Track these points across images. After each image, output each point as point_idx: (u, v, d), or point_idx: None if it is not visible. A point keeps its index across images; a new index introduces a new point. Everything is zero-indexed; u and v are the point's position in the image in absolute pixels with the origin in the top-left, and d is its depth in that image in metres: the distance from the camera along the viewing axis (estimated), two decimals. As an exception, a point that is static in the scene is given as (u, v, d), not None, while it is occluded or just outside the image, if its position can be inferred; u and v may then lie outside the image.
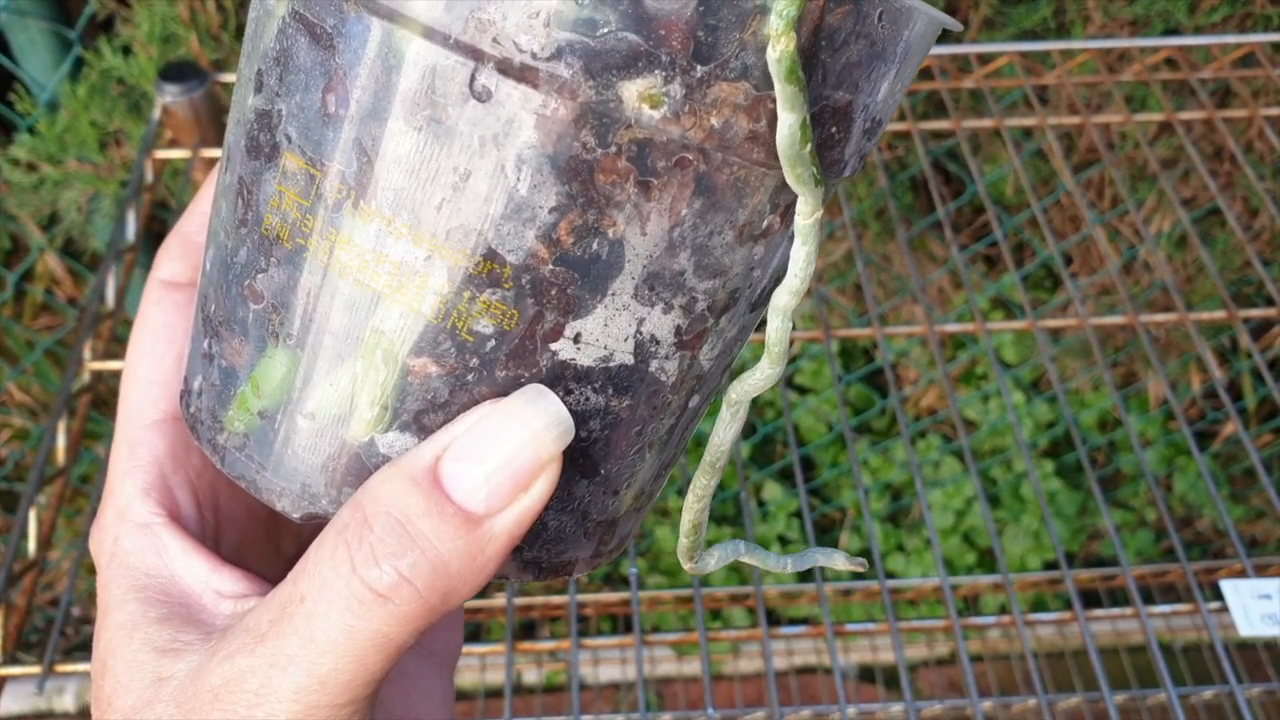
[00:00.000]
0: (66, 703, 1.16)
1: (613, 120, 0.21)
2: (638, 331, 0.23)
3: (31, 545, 0.57)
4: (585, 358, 0.23)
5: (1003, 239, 0.73)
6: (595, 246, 0.22)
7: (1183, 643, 1.08)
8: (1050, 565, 1.22)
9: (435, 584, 0.21)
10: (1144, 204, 1.10)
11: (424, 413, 0.23)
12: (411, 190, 0.21)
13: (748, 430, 1.25)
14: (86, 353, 0.63)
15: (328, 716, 0.22)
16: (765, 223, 0.23)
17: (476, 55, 0.20)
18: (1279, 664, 1.03)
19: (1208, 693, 0.77)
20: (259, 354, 0.24)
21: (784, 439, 1.26)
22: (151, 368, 0.28)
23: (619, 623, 1.15)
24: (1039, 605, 1.18)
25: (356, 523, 0.22)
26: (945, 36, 1.01)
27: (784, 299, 0.23)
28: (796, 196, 0.23)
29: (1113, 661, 1.09)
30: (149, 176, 0.72)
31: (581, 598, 0.85)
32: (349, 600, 0.21)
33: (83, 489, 1.20)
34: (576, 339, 0.23)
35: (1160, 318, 0.72)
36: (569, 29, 0.20)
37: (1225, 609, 0.61)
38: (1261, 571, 0.83)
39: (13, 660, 0.54)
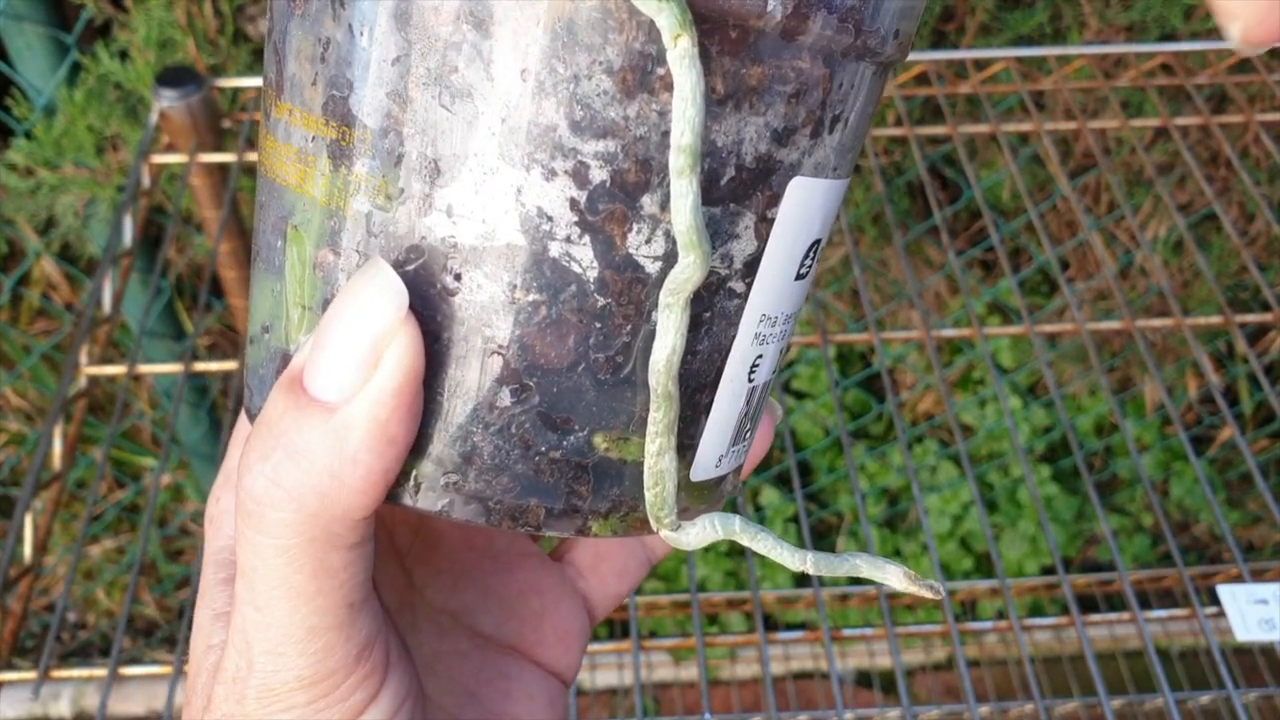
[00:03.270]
0: (62, 708, 1.16)
1: None
2: (519, 202, 0.20)
3: (27, 550, 0.56)
4: (465, 233, 0.21)
5: (999, 244, 0.73)
6: (444, 98, 0.20)
7: (1180, 648, 1.08)
8: (1047, 570, 1.22)
9: (305, 481, 0.20)
10: (1140, 209, 1.10)
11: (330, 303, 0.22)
12: (295, 74, 0.21)
13: (745, 435, 1.25)
14: (83, 357, 0.63)
15: (300, 650, 0.21)
16: (641, 51, 0.20)
17: None
18: (1275, 669, 1.03)
19: (1204, 697, 0.77)
20: (257, 281, 0.24)
21: (780, 444, 1.26)
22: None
23: (615, 628, 1.15)
24: (1036, 610, 1.18)
25: (250, 431, 0.21)
26: (941, 42, 1.01)
27: (679, 159, 0.19)
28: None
29: (1110, 666, 1.09)
30: (146, 181, 0.72)
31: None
32: (242, 520, 0.21)
33: (79, 494, 1.20)
34: (449, 211, 0.21)
35: (1156, 323, 0.73)
36: None
37: (1222, 614, 0.61)
38: (1258, 576, 0.84)
39: (8, 666, 0.54)
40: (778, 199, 0.22)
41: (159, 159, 0.74)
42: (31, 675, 0.54)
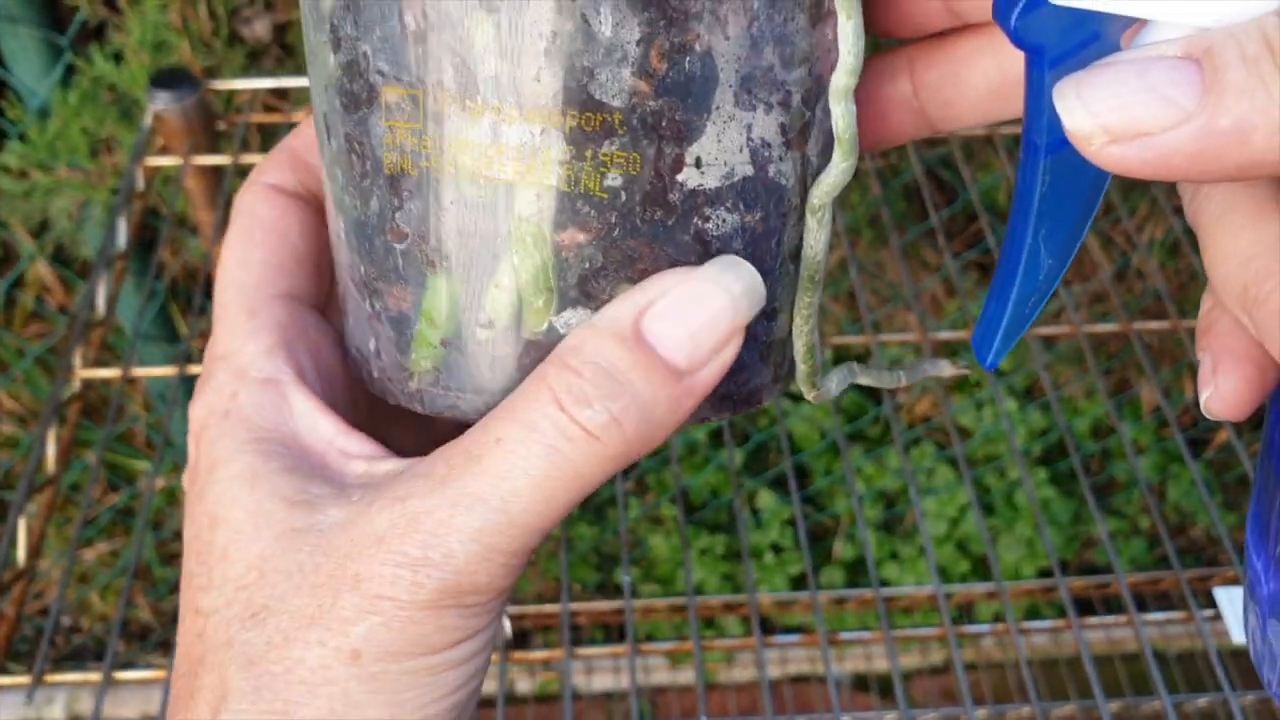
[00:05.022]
0: (56, 713, 1.15)
1: None
2: (749, 139, 0.24)
3: (21, 554, 0.56)
4: (711, 179, 0.24)
5: (996, 246, 0.73)
6: (688, 65, 0.22)
7: (1177, 650, 1.08)
8: (1044, 573, 1.22)
9: (640, 428, 0.23)
10: (1136, 212, 1.10)
11: (586, 281, 0.24)
12: (508, 72, 0.22)
13: (740, 438, 1.25)
14: (77, 360, 0.63)
15: (503, 561, 0.23)
16: (827, 4, 0.24)
17: None
18: (1273, 671, 1.03)
19: (1202, 700, 0.77)
20: (421, 289, 0.25)
21: (778, 447, 1.25)
22: (269, 253, 0.28)
23: (612, 632, 1.15)
24: (1033, 613, 1.18)
25: (562, 371, 0.23)
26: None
27: (842, 80, 0.23)
28: None
29: (1107, 669, 1.09)
30: (140, 184, 0.72)
31: (574, 606, 0.84)
32: (556, 438, 0.22)
33: (73, 497, 1.19)
34: (698, 164, 0.23)
35: (1153, 325, 0.72)
36: None
37: (1219, 616, 0.61)
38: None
39: (2, 670, 0.54)
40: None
41: (153, 161, 0.73)
42: (25, 680, 0.54)
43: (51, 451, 0.59)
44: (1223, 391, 0.25)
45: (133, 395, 1.21)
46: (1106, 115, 0.19)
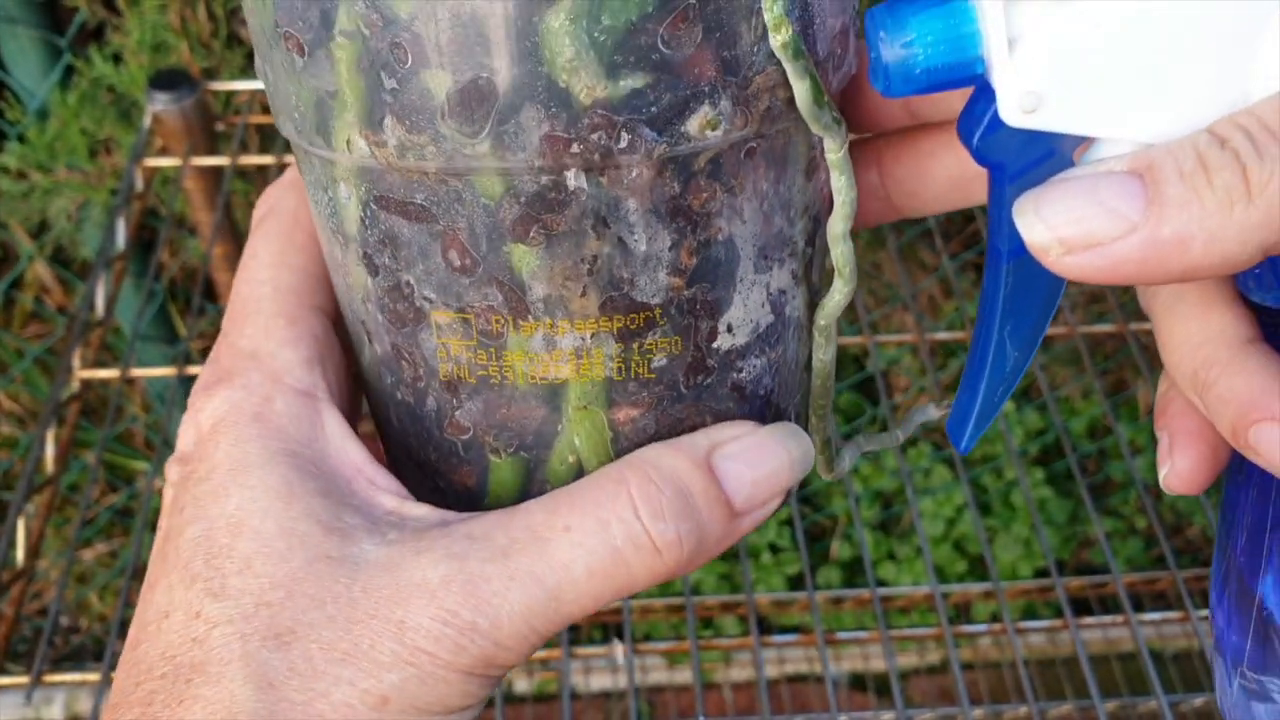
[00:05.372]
0: (55, 713, 1.15)
1: (687, 156, 0.23)
2: (769, 293, 0.26)
3: (19, 554, 0.56)
4: (741, 337, 0.26)
5: (993, 247, 0.73)
6: (714, 254, 0.25)
7: (1173, 650, 1.08)
8: (1041, 573, 1.22)
9: (694, 553, 0.24)
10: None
11: (642, 446, 0.26)
12: (555, 293, 0.24)
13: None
14: (76, 361, 0.63)
15: (535, 641, 0.23)
16: (813, 156, 0.26)
17: (560, 168, 0.23)
18: (1269, 671, 1.03)
19: (1198, 700, 0.77)
20: (486, 470, 0.27)
21: (775, 447, 1.25)
22: (310, 261, 0.28)
23: (610, 631, 1.15)
24: (1030, 613, 1.18)
25: (643, 480, 0.24)
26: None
27: (839, 225, 0.26)
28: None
29: (1104, 669, 1.09)
30: (139, 185, 0.72)
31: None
32: (625, 543, 0.23)
33: (71, 498, 1.19)
34: (730, 329, 0.26)
35: (1149, 326, 0.73)
36: (626, 111, 0.22)
37: (1215, 616, 0.61)
38: None
39: (1, 671, 0.54)
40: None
41: (152, 162, 0.74)
42: (24, 680, 0.54)
43: (50, 452, 0.59)
44: (1179, 469, 0.27)
45: (131, 396, 1.21)
46: (1061, 229, 0.21)
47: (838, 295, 0.27)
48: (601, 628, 1.15)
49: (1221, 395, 0.24)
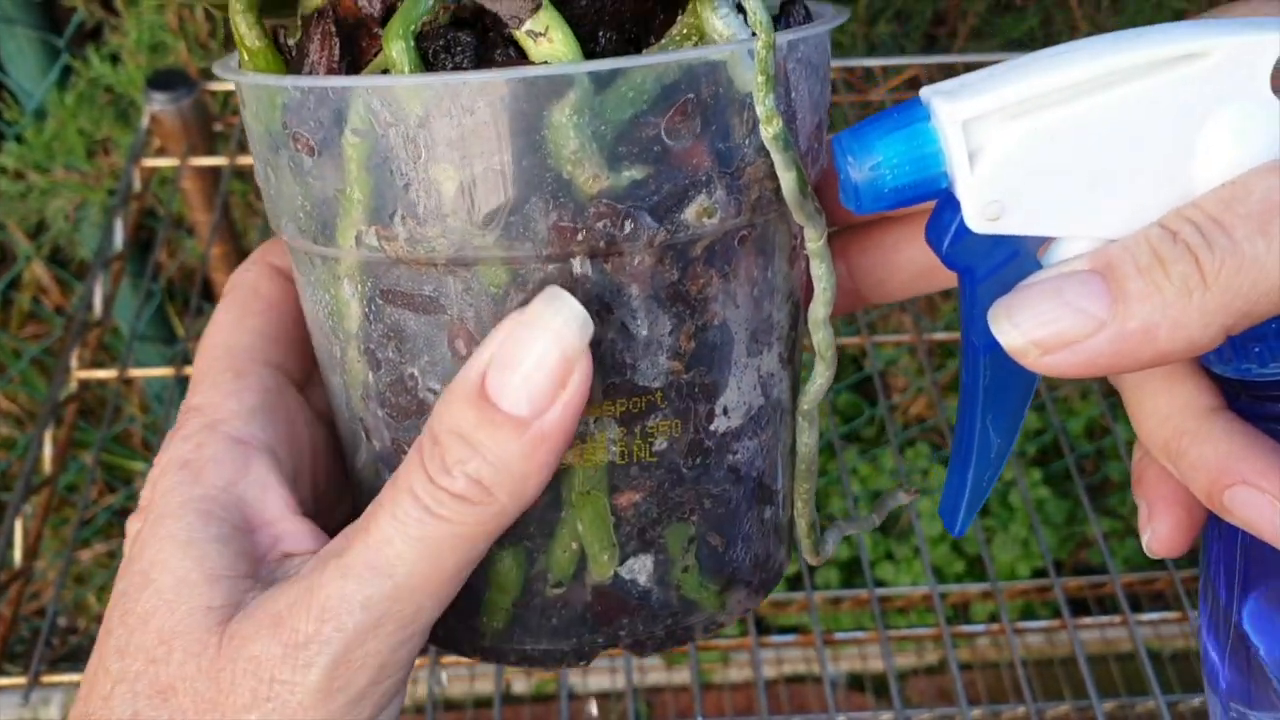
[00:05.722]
0: (53, 714, 1.15)
1: (685, 243, 0.24)
2: (759, 376, 0.27)
3: (17, 555, 0.56)
4: (735, 419, 0.27)
5: (991, 248, 0.73)
6: (710, 338, 0.26)
7: (1171, 650, 1.08)
8: (1039, 573, 1.22)
9: (501, 483, 0.23)
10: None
11: (644, 530, 0.27)
12: None
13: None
14: (73, 361, 0.63)
15: (393, 630, 0.23)
16: (794, 245, 0.27)
17: (567, 256, 0.24)
18: (1267, 671, 1.03)
19: (1196, 700, 0.77)
20: (489, 563, 0.27)
21: (773, 447, 1.25)
22: (265, 323, 0.29)
23: (608, 632, 1.14)
24: (1028, 613, 1.18)
25: (426, 440, 0.24)
26: (933, 46, 1.01)
27: (820, 311, 0.26)
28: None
29: (1101, 669, 1.10)
30: (137, 185, 0.72)
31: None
32: (429, 503, 0.23)
33: (69, 498, 1.19)
34: (725, 411, 0.27)
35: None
36: (629, 200, 0.23)
37: (1213, 616, 0.61)
38: None
39: (-2, 671, 0.54)
40: None
41: (150, 162, 0.73)
42: (22, 681, 0.54)
43: (48, 452, 0.59)
44: (1160, 534, 0.28)
45: (129, 396, 1.21)
46: (1035, 332, 0.22)
47: (819, 380, 0.27)
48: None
49: (1194, 463, 0.25)
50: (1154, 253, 0.22)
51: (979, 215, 0.23)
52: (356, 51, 0.25)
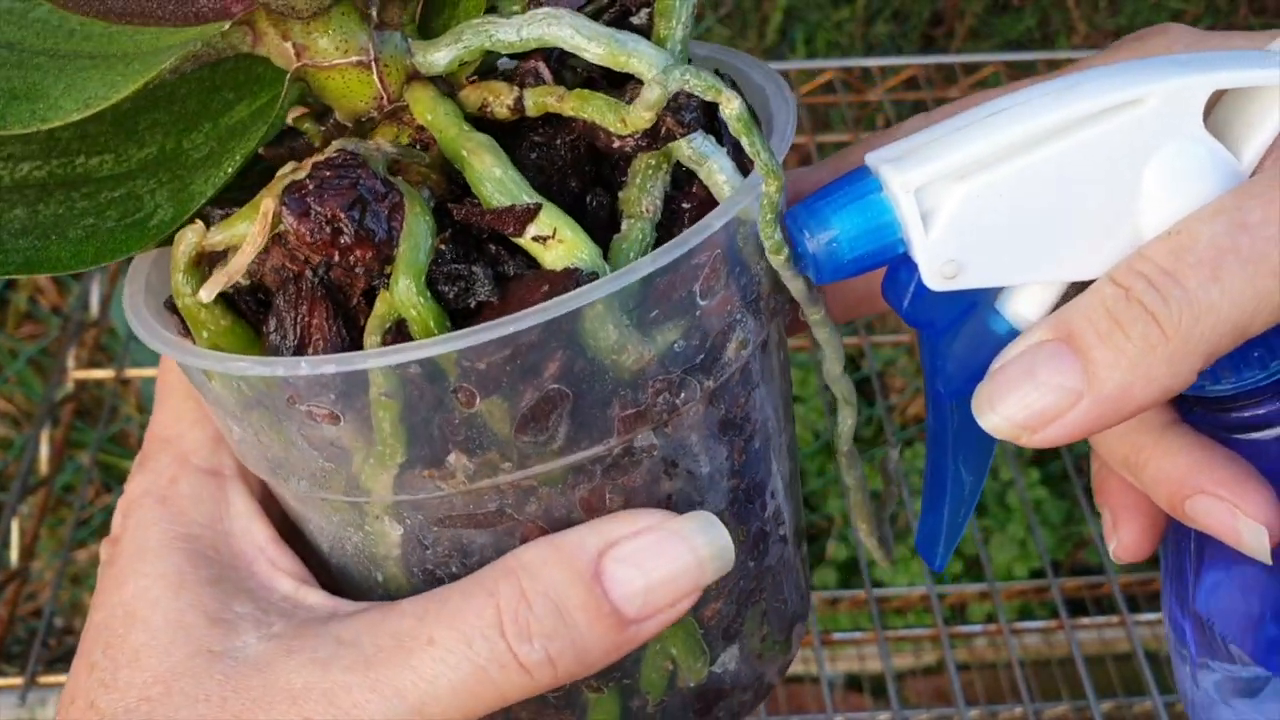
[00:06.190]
0: (49, 715, 1.15)
1: (727, 379, 0.25)
2: (785, 444, 0.28)
3: (13, 555, 0.56)
4: (780, 495, 0.28)
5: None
6: (756, 446, 0.27)
7: (1168, 650, 1.08)
8: (1037, 573, 1.22)
9: (573, 668, 0.23)
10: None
11: (728, 627, 0.27)
12: None
13: (735, 439, 1.25)
14: (70, 361, 0.63)
15: None
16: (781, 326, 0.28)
17: (634, 437, 0.24)
18: (1264, 671, 1.03)
19: (1193, 700, 0.77)
20: (585, 708, 0.27)
21: (771, 448, 1.25)
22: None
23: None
24: (1026, 613, 1.18)
25: (513, 594, 0.23)
26: (930, 46, 1.01)
27: (835, 369, 0.28)
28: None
29: (1099, 669, 1.10)
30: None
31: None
32: (489, 661, 0.22)
33: (66, 499, 1.19)
34: (773, 495, 0.28)
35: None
36: (677, 365, 0.24)
37: (1210, 617, 0.61)
38: None
39: (-6, 672, 0.54)
40: None
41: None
42: (18, 681, 0.54)
43: (45, 452, 0.59)
44: (1125, 542, 0.30)
45: (126, 396, 1.20)
46: (1019, 416, 0.23)
47: (849, 420, 0.28)
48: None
49: (1154, 477, 0.26)
50: (1111, 317, 0.22)
51: (937, 275, 0.24)
52: (341, 299, 0.23)
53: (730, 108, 0.23)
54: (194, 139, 0.26)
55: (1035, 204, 0.23)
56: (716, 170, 0.24)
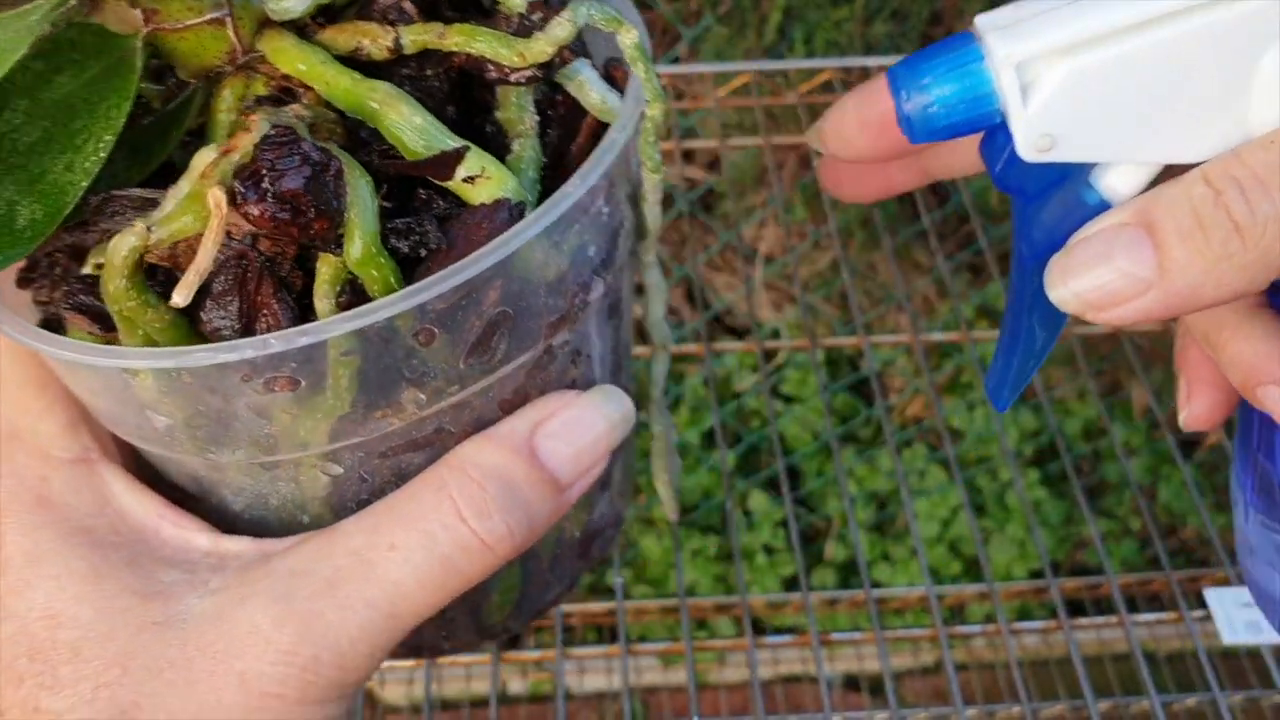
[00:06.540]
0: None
1: (614, 275, 0.27)
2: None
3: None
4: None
5: (987, 248, 0.73)
6: (624, 335, 0.30)
7: (1166, 651, 1.08)
8: (1035, 574, 1.23)
9: (526, 537, 0.25)
10: (1127, 214, 1.10)
11: (605, 479, 0.31)
12: None
13: (732, 440, 1.25)
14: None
15: (382, 655, 0.24)
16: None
17: (552, 340, 0.26)
18: (1261, 672, 1.04)
19: (1191, 700, 0.77)
20: (495, 575, 0.27)
21: (769, 448, 1.26)
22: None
23: (604, 632, 1.15)
24: (1024, 614, 1.18)
25: (464, 482, 0.24)
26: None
27: (658, 312, 0.30)
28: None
29: (1097, 670, 1.10)
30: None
31: (567, 608, 0.84)
32: (454, 549, 0.24)
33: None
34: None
35: (1144, 327, 0.73)
36: (586, 269, 0.26)
37: (1209, 617, 0.61)
38: (1244, 580, 0.84)
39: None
40: None
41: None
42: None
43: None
44: (1196, 413, 0.32)
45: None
46: (1088, 295, 0.23)
47: (662, 366, 0.31)
48: (596, 629, 1.15)
49: (1231, 358, 0.27)
50: (1196, 216, 0.22)
51: (1031, 147, 0.24)
52: (279, 271, 0.23)
53: (630, 38, 0.24)
54: (9, 119, 0.22)
55: (1140, 87, 0.23)
56: (588, 86, 0.25)
